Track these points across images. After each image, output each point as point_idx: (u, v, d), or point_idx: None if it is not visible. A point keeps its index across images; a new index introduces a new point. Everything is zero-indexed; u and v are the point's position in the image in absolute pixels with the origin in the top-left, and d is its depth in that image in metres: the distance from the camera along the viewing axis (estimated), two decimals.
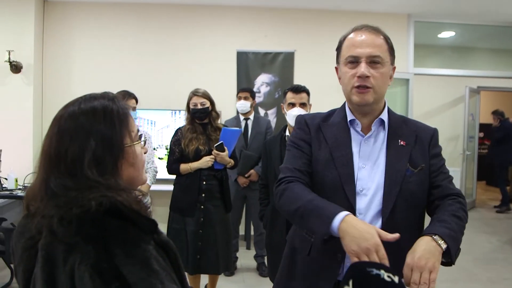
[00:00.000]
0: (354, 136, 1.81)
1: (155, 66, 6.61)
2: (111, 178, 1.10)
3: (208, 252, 3.80)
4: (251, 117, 5.37)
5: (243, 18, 6.81)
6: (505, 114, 9.53)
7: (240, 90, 5.55)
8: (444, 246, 1.57)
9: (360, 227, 1.49)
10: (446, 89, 8.67)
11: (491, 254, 6.17)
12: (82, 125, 1.11)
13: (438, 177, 1.78)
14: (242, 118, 5.35)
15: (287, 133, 3.45)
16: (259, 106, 6.68)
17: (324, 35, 6.58)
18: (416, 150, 1.78)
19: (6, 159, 5.24)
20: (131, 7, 6.64)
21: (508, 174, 9.82)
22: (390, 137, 1.79)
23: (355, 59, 1.73)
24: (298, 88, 3.47)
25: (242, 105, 5.26)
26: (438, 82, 8.47)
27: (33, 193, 1.13)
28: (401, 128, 1.81)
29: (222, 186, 3.95)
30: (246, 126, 5.30)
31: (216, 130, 3.94)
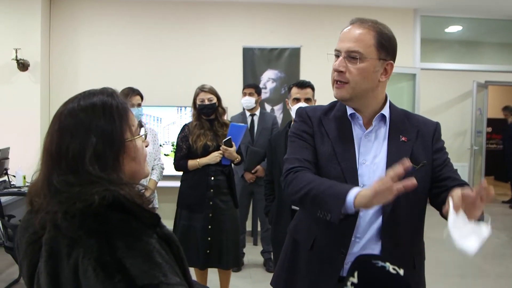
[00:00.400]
0: (355, 131, 1.79)
1: (161, 62, 6.62)
2: (113, 173, 1.10)
3: (217, 247, 3.81)
4: (257, 113, 5.36)
5: (249, 14, 6.80)
6: None
7: (245, 86, 5.55)
8: None
9: (372, 187, 1.47)
10: (454, 84, 8.63)
11: (500, 250, 6.14)
12: (82, 121, 1.11)
13: (444, 169, 1.77)
14: (248, 114, 5.35)
15: None
16: (265, 102, 6.68)
17: (330, 31, 6.55)
18: (417, 146, 1.75)
19: (14, 157, 5.27)
20: (137, 4, 6.65)
21: None
22: (391, 132, 1.76)
23: (338, 53, 1.72)
24: (303, 83, 3.46)
25: (247, 101, 5.26)
26: (445, 77, 8.43)
27: (36, 189, 1.14)
28: (403, 123, 1.79)
29: (230, 181, 3.95)
30: (252, 122, 5.29)
31: (222, 125, 3.93)
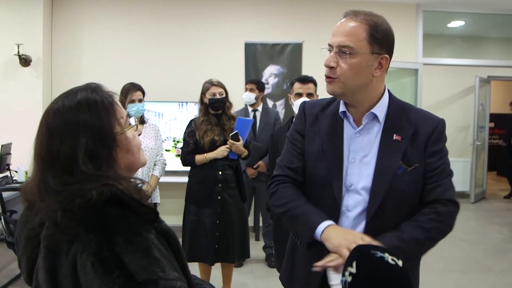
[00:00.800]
0: (346, 128, 1.73)
1: (163, 58, 6.62)
2: (109, 169, 1.10)
3: (225, 242, 3.82)
4: (259, 108, 5.36)
5: (251, 9, 6.79)
6: None
7: (247, 81, 5.56)
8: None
9: (343, 229, 1.60)
10: (456, 79, 8.60)
11: (502, 245, 6.15)
12: (68, 122, 1.10)
13: (431, 179, 1.65)
14: (250, 109, 5.34)
15: None
16: (267, 98, 6.67)
17: (332, 26, 6.40)
18: (412, 146, 1.65)
19: (16, 152, 5.27)
20: (138, 0, 6.63)
21: None
22: (385, 130, 1.68)
23: (330, 48, 1.66)
24: (305, 78, 3.45)
25: (247, 96, 5.26)
26: (448, 72, 8.41)
27: (30, 189, 1.13)
28: (399, 120, 1.69)
29: (237, 175, 3.95)
30: (255, 117, 5.28)
31: (230, 119, 3.93)
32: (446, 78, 8.45)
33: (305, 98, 3.32)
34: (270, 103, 6.71)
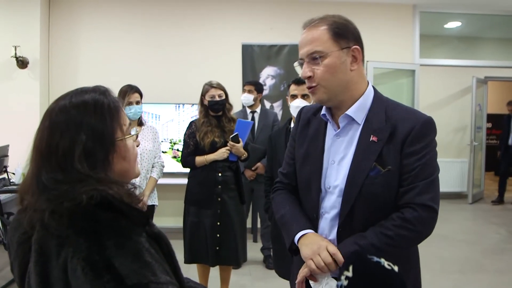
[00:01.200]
0: (329, 131, 1.74)
1: (160, 59, 6.63)
2: (102, 171, 1.10)
3: (227, 243, 3.82)
4: (258, 110, 5.36)
5: (248, 11, 6.80)
6: None
7: (245, 83, 5.56)
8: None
9: (313, 239, 1.64)
10: (453, 79, 8.62)
11: (500, 245, 6.15)
12: (72, 119, 1.11)
13: (406, 181, 1.59)
14: (248, 111, 5.34)
15: (292, 125, 3.44)
16: (265, 99, 6.67)
17: None
18: (389, 147, 1.60)
19: (14, 154, 5.26)
20: (136, 1, 6.65)
21: None
22: (363, 131, 1.65)
23: (301, 61, 1.69)
24: (300, 80, 3.44)
25: (245, 98, 5.27)
26: (445, 73, 8.42)
27: (26, 187, 1.13)
28: (379, 121, 1.64)
29: (237, 177, 3.96)
30: (253, 119, 5.28)
31: (230, 121, 3.93)
32: (443, 79, 8.46)
33: (300, 99, 3.33)
34: (268, 105, 6.72)
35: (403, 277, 1.32)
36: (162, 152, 5.83)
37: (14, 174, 5.15)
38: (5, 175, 5.09)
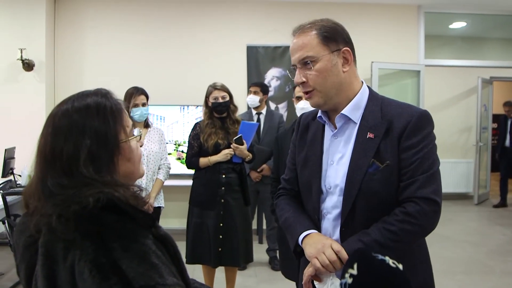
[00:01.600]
0: (327, 132, 1.77)
1: (165, 61, 6.64)
2: (108, 174, 1.10)
3: (229, 245, 3.83)
4: (263, 111, 5.36)
5: (253, 12, 6.81)
6: None
7: (251, 84, 5.55)
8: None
9: (317, 238, 1.66)
10: (458, 80, 8.61)
11: (505, 246, 6.13)
12: (76, 123, 1.11)
13: (405, 175, 1.59)
14: (254, 112, 5.35)
15: None
16: (270, 100, 6.67)
17: None
18: (386, 143, 1.61)
19: (20, 156, 5.29)
20: (141, 3, 6.66)
21: None
22: (360, 130, 1.66)
23: (294, 67, 1.70)
24: None
25: (251, 99, 5.27)
26: (450, 73, 8.42)
27: (30, 191, 1.14)
28: (375, 117, 1.65)
29: (241, 179, 3.96)
30: (258, 120, 5.29)
31: (234, 122, 3.95)
32: (448, 79, 8.46)
33: (304, 101, 3.34)
34: (273, 106, 6.72)
35: (408, 275, 1.32)
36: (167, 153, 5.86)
37: (20, 176, 5.17)
38: (11, 177, 5.11)
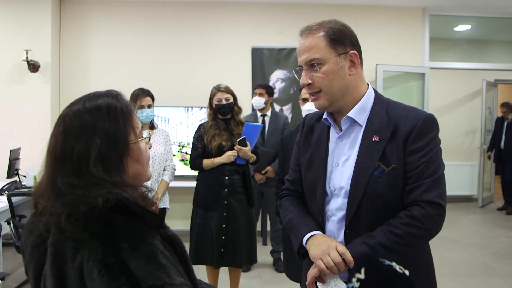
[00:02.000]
0: (332, 134, 1.76)
1: (170, 63, 6.65)
2: (117, 175, 1.11)
3: (231, 245, 3.83)
4: (268, 113, 5.36)
5: (258, 14, 6.82)
6: None
7: (256, 86, 5.56)
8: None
9: (321, 240, 1.65)
10: (463, 82, 8.59)
11: (510, 249, 6.10)
12: (86, 123, 1.12)
13: (411, 179, 1.59)
14: (259, 114, 5.35)
15: None
16: (275, 102, 6.67)
17: None
18: (391, 146, 1.61)
19: (25, 157, 5.31)
20: (146, 5, 6.68)
21: None
22: (365, 132, 1.66)
23: (300, 68, 1.70)
24: None
25: (256, 101, 5.27)
26: (455, 76, 8.40)
27: (40, 191, 1.15)
28: (380, 121, 1.65)
29: (245, 180, 3.96)
30: (263, 122, 5.29)
31: (238, 124, 3.95)
32: (452, 82, 8.44)
33: (310, 103, 3.34)
34: (277, 108, 6.73)
35: (413, 281, 1.33)
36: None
37: (25, 177, 5.19)
38: (16, 178, 5.13)
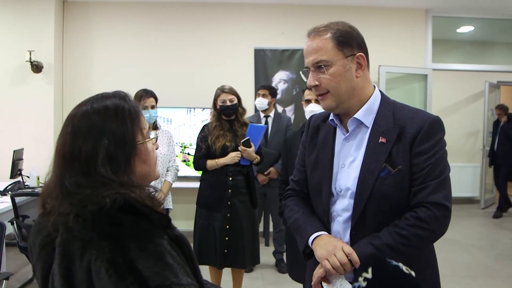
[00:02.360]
0: (338, 136, 1.77)
1: (172, 64, 6.67)
2: (124, 175, 1.12)
3: (234, 246, 3.84)
4: (271, 114, 5.36)
5: (260, 15, 6.84)
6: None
7: (260, 87, 5.56)
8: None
9: (327, 240, 1.66)
10: (466, 84, 8.58)
11: None
12: (95, 124, 1.14)
13: (417, 180, 1.60)
14: (262, 115, 5.35)
15: None
16: (277, 103, 6.66)
17: None
18: (398, 147, 1.62)
19: (28, 158, 5.33)
20: (149, 6, 6.70)
21: None
22: (372, 134, 1.66)
23: (307, 70, 1.70)
24: None
25: (259, 102, 5.27)
26: (457, 78, 8.39)
27: (48, 191, 1.16)
28: (387, 122, 1.66)
29: (248, 181, 3.96)
30: (266, 123, 5.29)
31: (242, 125, 3.95)
32: (455, 84, 8.43)
33: (313, 104, 3.35)
34: (280, 109, 6.73)
35: (419, 282, 1.33)
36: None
37: (28, 177, 5.20)
38: (19, 178, 5.15)
